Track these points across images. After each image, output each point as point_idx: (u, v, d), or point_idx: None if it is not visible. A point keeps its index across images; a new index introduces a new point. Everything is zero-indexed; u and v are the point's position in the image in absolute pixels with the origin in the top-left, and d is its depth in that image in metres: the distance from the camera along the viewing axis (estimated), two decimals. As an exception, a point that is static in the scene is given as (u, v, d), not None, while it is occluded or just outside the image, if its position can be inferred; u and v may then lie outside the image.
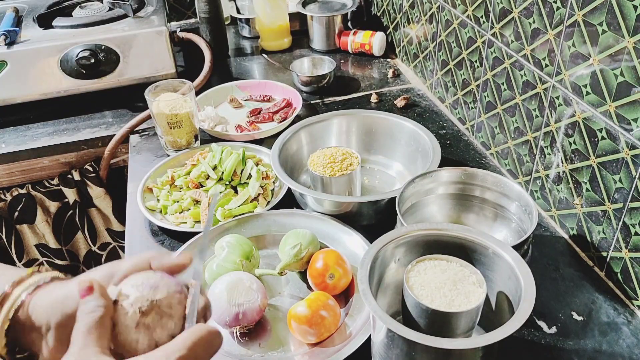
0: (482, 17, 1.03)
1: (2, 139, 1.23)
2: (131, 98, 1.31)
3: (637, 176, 0.73)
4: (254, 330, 0.79)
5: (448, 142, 1.15)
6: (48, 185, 1.28)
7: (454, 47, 1.16)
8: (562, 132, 0.86)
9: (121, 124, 1.25)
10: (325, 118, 1.10)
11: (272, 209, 0.97)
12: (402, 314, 0.68)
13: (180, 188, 1.03)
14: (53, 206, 1.31)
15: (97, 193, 1.30)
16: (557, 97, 0.86)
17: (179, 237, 0.95)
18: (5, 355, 0.46)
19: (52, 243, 1.34)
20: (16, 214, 1.28)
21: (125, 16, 1.34)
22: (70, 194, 1.28)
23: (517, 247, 0.72)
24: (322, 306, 0.75)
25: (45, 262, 1.35)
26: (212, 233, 0.90)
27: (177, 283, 0.48)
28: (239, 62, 1.54)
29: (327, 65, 1.38)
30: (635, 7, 0.68)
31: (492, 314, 0.71)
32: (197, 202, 1.00)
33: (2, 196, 1.26)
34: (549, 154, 0.91)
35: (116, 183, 1.30)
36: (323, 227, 0.91)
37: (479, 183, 0.87)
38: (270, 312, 0.82)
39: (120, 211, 1.32)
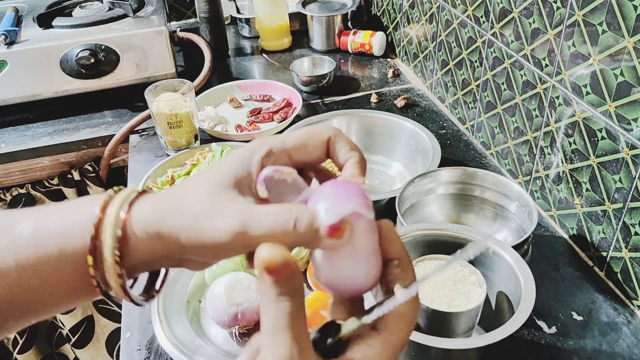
0: (482, 17, 1.03)
1: (2, 139, 1.23)
2: (131, 98, 1.31)
3: (637, 176, 0.73)
4: (253, 330, 0.79)
5: (448, 142, 1.15)
6: (48, 185, 1.27)
7: (454, 47, 1.16)
8: (562, 132, 0.86)
9: (121, 123, 1.25)
10: (325, 118, 1.10)
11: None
12: (402, 314, 0.67)
13: (180, 188, 1.03)
14: (53, 206, 1.31)
15: (97, 193, 1.30)
16: (557, 97, 0.86)
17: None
18: (124, 294, 0.38)
19: (52, 243, 1.34)
20: (16, 213, 1.28)
21: (125, 16, 1.34)
22: (70, 194, 1.28)
23: (517, 247, 0.72)
24: (322, 306, 0.75)
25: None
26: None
27: None
28: (239, 62, 1.54)
29: (327, 65, 1.38)
30: (635, 7, 0.68)
31: (492, 314, 0.71)
32: (197, 202, 1.00)
33: (2, 196, 1.26)
34: (549, 154, 0.91)
35: (116, 183, 1.30)
36: (323, 227, 0.90)
37: (479, 183, 0.87)
38: (270, 312, 0.82)
39: (120, 211, 1.32)
